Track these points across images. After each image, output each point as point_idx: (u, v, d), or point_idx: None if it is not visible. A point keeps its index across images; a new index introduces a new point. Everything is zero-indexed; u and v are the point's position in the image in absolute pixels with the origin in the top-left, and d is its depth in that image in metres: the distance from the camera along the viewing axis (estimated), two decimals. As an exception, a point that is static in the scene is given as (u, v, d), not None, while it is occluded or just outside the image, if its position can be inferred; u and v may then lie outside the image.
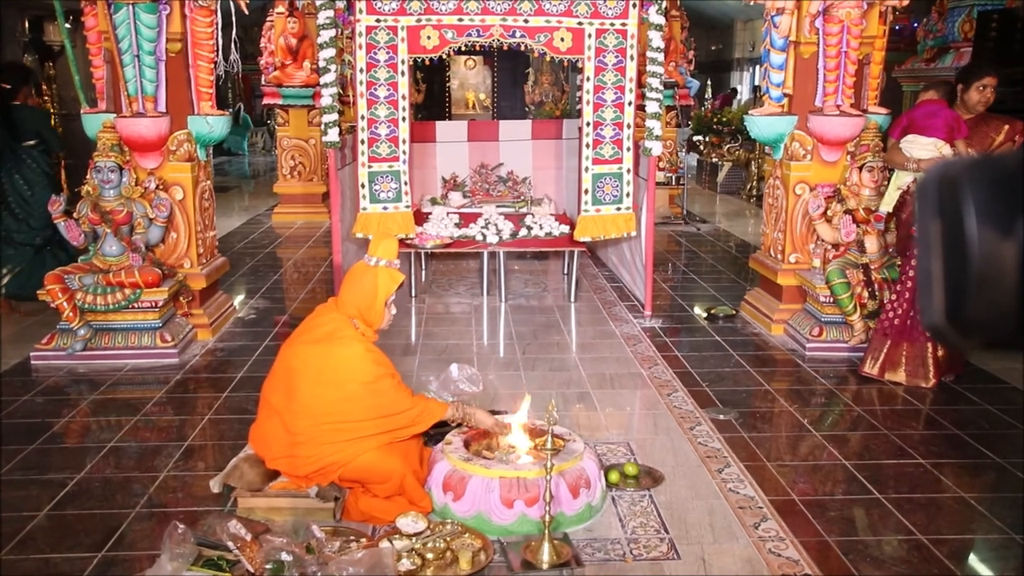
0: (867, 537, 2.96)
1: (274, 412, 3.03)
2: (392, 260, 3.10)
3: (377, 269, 3.06)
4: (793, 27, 5.10)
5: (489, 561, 2.72)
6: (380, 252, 3.08)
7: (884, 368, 4.48)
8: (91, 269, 4.78)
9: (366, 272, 3.06)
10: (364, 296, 3.04)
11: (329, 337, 3.00)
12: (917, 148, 4.47)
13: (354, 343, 2.99)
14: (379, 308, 3.06)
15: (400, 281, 3.12)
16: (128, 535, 2.95)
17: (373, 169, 5.63)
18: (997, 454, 3.62)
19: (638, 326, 5.49)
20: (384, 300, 3.06)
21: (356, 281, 3.07)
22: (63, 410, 4.10)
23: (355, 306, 3.06)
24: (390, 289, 3.06)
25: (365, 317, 3.06)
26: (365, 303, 3.05)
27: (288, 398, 2.99)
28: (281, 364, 3.08)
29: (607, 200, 5.75)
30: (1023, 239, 0.77)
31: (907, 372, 4.43)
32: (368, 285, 3.04)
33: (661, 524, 3.01)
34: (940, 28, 9.25)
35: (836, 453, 3.62)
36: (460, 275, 6.96)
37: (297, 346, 3.05)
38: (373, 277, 3.05)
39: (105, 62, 5.14)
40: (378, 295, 3.04)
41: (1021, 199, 0.78)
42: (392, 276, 3.08)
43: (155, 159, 5.01)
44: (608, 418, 4.02)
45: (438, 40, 5.47)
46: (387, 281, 3.06)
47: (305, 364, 2.97)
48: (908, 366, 4.43)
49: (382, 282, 3.04)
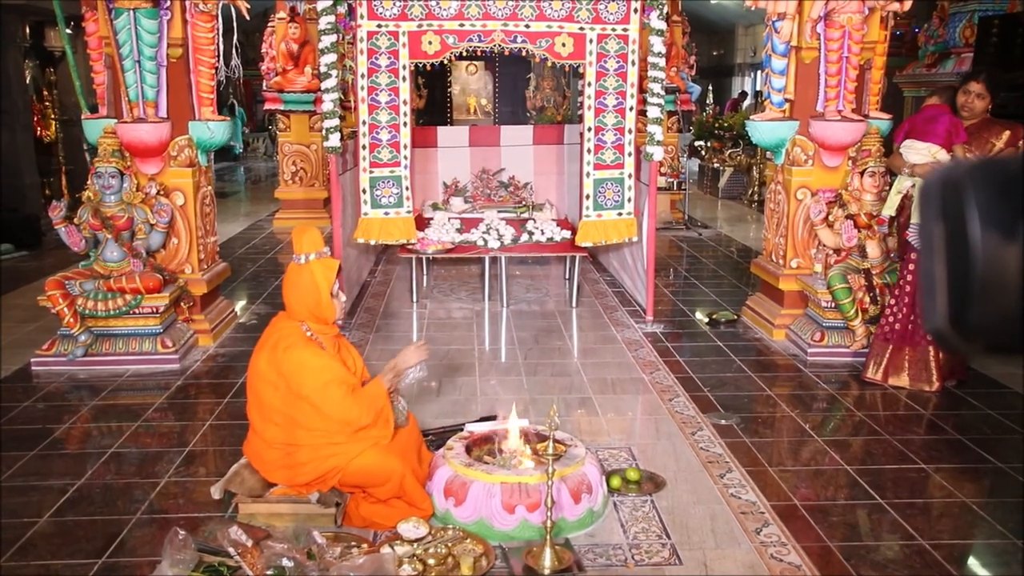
0: (869, 542, 2.95)
1: (253, 430, 3.04)
2: (320, 250, 3.03)
3: (310, 264, 3.00)
4: (794, 32, 5.10)
5: (491, 567, 2.72)
6: (306, 247, 3.02)
7: (887, 373, 4.47)
8: (92, 275, 4.78)
9: (300, 272, 3.00)
10: (308, 295, 2.99)
11: (275, 346, 2.95)
12: (913, 153, 4.47)
13: (297, 350, 2.91)
14: (327, 301, 3.00)
15: (336, 267, 3.06)
16: (129, 541, 2.94)
17: (374, 174, 5.64)
18: (999, 459, 3.61)
19: (640, 331, 5.48)
20: (328, 292, 3.00)
21: (294, 284, 3.01)
22: (64, 416, 4.10)
23: (304, 308, 3.01)
24: (330, 279, 3.01)
25: (316, 315, 3.01)
26: (312, 301, 2.99)
27: (259, 412, 2.99)
28: (247, 382, 3.08)
29: (608, 205, 5.75)
30: None
31: (910, 376, 4.42)
32: (307, 283, 2.98)
33: (663, 529, 3.00)
34: (941, 33, 9.26)
35: (838, 458, 3.62)
36: (461, 280, 6.96)
37: (253, 359, 3.04)
38: (309, 274, 2.99)
39: (106, 67, 5.15)
40: (320, 289, 2.98)
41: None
42: (327, 265, 3.02)
43: (156, 164, 5.02)
44: (610, 423, 4.01)
45: (439, 45, 5.48)
46: (324, 271, 3.00)
47: (259, 375, 2.97)
48: (911, 370, 4.42)
49: (319, 274, 2.99)
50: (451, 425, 3.76)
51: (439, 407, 4.16)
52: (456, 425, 3.67)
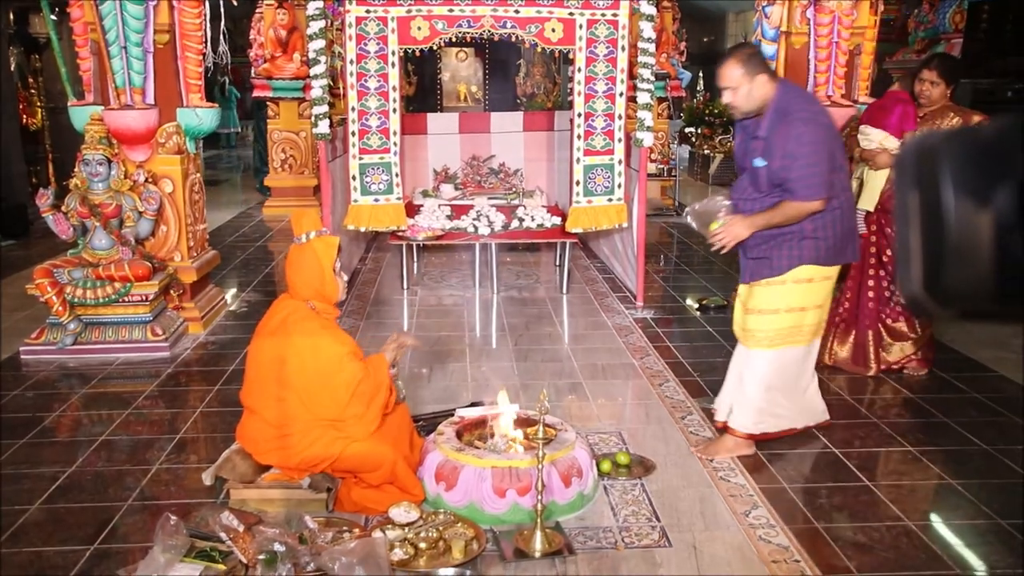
0: (855, 523, 2.99)
1: (251, 411, 3.04)
2: (320, 228, 3.06)
3: (311, 243, 3.02)
4: (784, 17, 5.11)
5: (482, 550, 2.74)
6: (305, 226, 3.05)
7: (831, 354, 4.53)
8: (80, 263, 4.76)
9: (303, 251, 3.03)
10: (312, 275, 3.01)
11: (284, 325, 2.97)
12: (864, 140, 4.45)
13: (316, 335, 2.93)
14: (330, 278, 3.03)
15: (337, 244, 3.08)
16: (120, 528, 2.95)
17: (364, 161, 5.62)
18: (984, 441, 3.65)
19: (630, 317, 5.50)
20: (331, 268, 3.04)
21: (297, 264, 3.04)
22: (53, 404, 4.09)
23: (308, 288, 3.03)
24: (331, 256, 3.04)
25: (321, 294, 3.04)
26: (316, 281, 3.02)
27: (261, 394, 2.99)
28: (248, 363, 3.08)
29: (599, 191, 5.75)
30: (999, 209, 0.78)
31: (851, 359, 4.48)
32: (310, 262, 3.01)
33: (653, 512, 3.02)
34: (931, 19, 9.27)
35: (825, 441, 3.65)
36: (452, 267, 6.96)
37: (257, 341, 3.04)
38: (312, 252, 3.01)
39: (92, 54, 5.11)
40: (324, 267, 3.01)
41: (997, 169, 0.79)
42: (328, 243, 3.05)
43: (144, 152, 4.99)
44: (600, 408, 4.03)
45: (428, 31, 5.45)
46: (325, 250, 3.03)
47: (264, 353, 2.97)
48: (853, 353, 4.50)
49: (322, 253, 3.02)
50: (442, 411, 3.77)
51: (430, 393, 4.17)
52: (447, 410, 3.68)
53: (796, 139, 3.07)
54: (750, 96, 3.21)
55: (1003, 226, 0.78)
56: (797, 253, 3.23)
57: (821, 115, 3.21)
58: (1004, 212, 0.78)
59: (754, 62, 3.21)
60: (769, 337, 3.32)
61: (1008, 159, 0.79)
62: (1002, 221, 0.78)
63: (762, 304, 3.32)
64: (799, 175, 3.08)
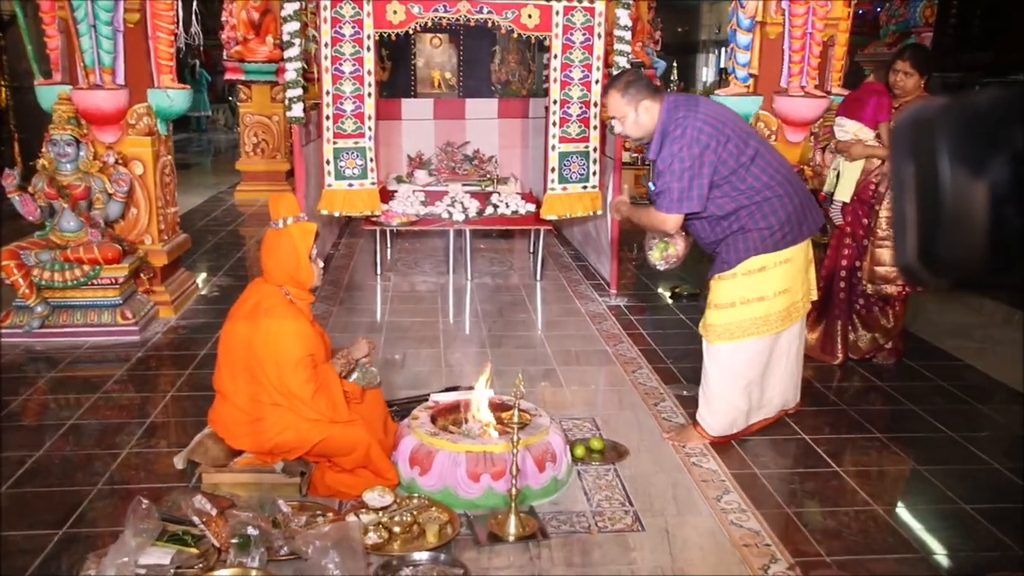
0: (825, 508, 3.04)
1: (223, 396, 3.01)
2: (297, 214, 3.04)
3: (288, 228, 3.00)
4: (760, 8, 5.14)
5: (456, 534, 2.74)
6: (283, 211, 3.02)
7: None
8: (48, 245, 4.68)
9: (279, 236, 3.00)
10: (287, 260, 2.99)
11: (255, 308, 2.95)
12: (840, 131, 4.50)
13: (278, 319, 2.91)
14: (305, 265, 3.01)
15: (314, 230, 3.06)
16: (89, 513, 2.91)
17: (338, 145, 5.57)
18: (950, 428, 3.72)
19: (603, 304, 5.52)
20: (307, 255, 3.01)
21: (273, 249, 3.01)
22: (20, 388, 4.02)
23: (283, 273, 3.01)
24: (308, 242, 3.02)
25: (296, 279, 3.02)
26: (291, 266, 3.00)
27: (232, 378, 2.97)
28: (220, 347, 3.05)
29: (573, 178, 5.76)
30: (994, 179, 0.79)
31: (820, 347, 4.54)
32: (286, 247, 2.99)
33: (626, 497, 3.05)
34: (902, 13, 9.38)
35: (795, 427, 3.70)
36: (426, 253, 6.94)
37: (229, 324, 3.02)
38: (288, 237, 2.99)
39: (59, 32, 4.99)
40: (299, 253, 2.99)
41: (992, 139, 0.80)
42: (304, 229, 3.02)
43: (114, 133, 4.90)
44: (574, 394, 4.05)
45: (404, 15, 5.41)
46: (302, 235, 3.01)
47: (235, 337, 2.95)
48: (820, 341, 4.54)
49: (298, 238, 3.00)
50: (416, 396, 3.77)
51: (403, 379, 4.16)
52: (421, 395, 3.68)
53: (667, 158, 3.18)
54: (638, 123, 3.28)
55: (998, 196, 0.79)
56: (743, 246, 3.28)
57: (701, 125, 3.14)
58: (999, 182, 0.79)
59: (634, 89, 3.25)
60: (729, 331, 3.35)
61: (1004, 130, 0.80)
62: (997, 191, 0.79)
63: (717, 299, 3.37)
64: (661, 189, 3.22)
